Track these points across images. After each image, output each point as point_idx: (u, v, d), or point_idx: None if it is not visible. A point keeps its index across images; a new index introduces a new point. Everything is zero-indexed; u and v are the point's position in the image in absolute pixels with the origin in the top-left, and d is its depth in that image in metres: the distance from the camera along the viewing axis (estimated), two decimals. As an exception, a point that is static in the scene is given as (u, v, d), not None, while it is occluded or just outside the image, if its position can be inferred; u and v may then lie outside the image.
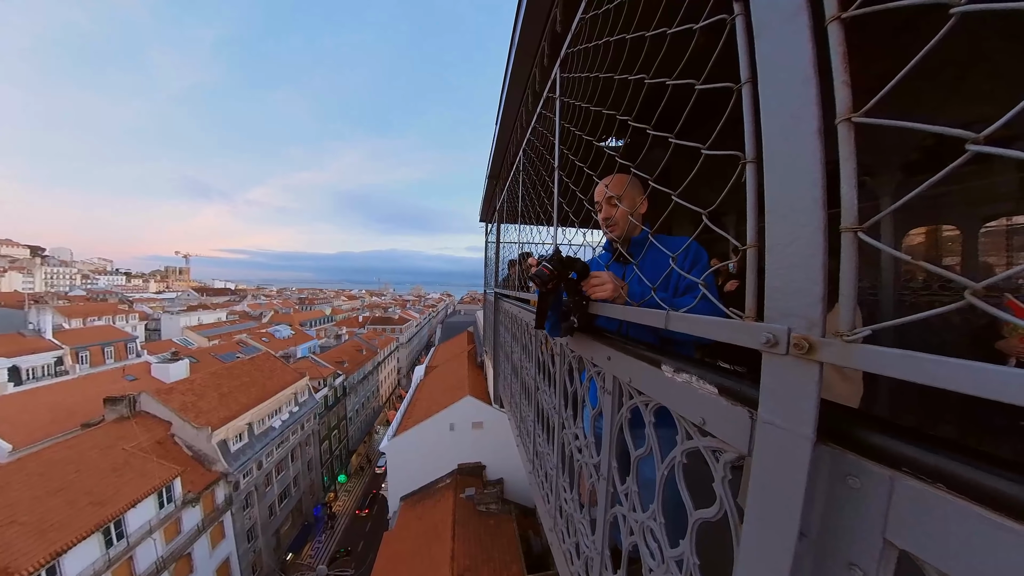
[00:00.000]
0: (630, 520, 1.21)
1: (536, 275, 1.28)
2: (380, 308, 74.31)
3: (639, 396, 1.13)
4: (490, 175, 6.40)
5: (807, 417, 0.50)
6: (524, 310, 3.34)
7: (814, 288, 0.49)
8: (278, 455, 20.89)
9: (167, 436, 15.59)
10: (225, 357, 25.53)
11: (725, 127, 0.74)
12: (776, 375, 0.55)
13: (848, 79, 0.44)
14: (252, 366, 22.47)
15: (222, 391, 18.75)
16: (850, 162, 0.44)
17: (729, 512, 0.74)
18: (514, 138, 4.30)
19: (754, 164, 0.60)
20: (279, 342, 33.11)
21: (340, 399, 30.52)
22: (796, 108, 0.50)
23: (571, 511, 1.88)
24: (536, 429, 2.85)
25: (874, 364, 0.42)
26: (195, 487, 14.75)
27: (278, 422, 21.11)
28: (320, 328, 48.26)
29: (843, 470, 0.49)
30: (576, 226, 1.91)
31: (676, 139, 0.83)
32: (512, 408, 4.65)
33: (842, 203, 0.45)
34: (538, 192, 2.66)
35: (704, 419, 0.82)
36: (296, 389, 23.29)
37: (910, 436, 0.45)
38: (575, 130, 1.69)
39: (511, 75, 2.86)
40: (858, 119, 0.44)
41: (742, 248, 0.64)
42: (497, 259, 6.84)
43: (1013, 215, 2.45)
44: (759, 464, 0.58)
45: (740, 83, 0.62)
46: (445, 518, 11.86)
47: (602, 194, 1.55)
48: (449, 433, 15.28)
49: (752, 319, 0.62)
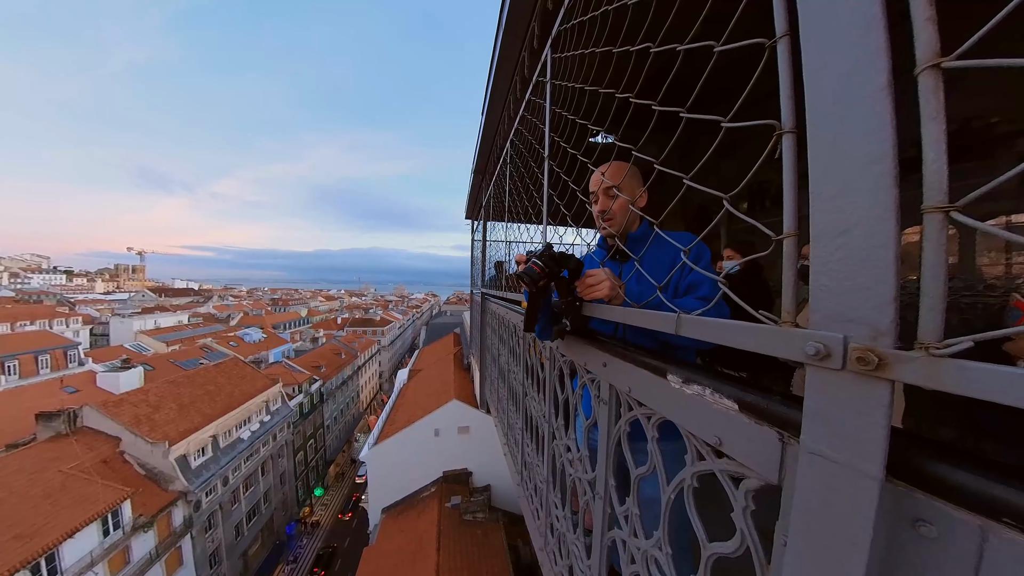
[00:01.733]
0: (631, 547, 1.12)
1: (525, 273, 1.17)
2: (360, 309, 73.35)
3: (640, 408, 1.04)
4: (476, 169, 6.29)
5: (873, 451, 0.40)
6: (511, 311, 3.24)
7: (882, 287, 0.40)
8: (247, 469, 19.81)
9: (115, 454, 14.18)
10: (186, 364, 23.90)
11: (747, 99, 0.65)
12: (826, 395, 0.46)
13: (934, 15, 0.35)
14: (218, 373, 21.18)
15: (182, 401, 17.47)
16: (937, 123, 0.35)
17: (754, 550, 0.66)
18: (501, 129, 4.20)
19: (793, 135, 0.51)
20: (249, 346, 31.90)
21: (317, 406, 29.70)
22: (855, 60, 0.41)
23: (563, 530, 1.79)
24: (524, 438, 2.75)
25: (979, 387, 0.33)
26: (148, 509, 13.49)
27: (247, 433, 20.07)
28: (295, 331, 47.04)
29: (911, 514, 0.40)
30: (568, 223, 1.82)
31: (688, 114, 0.74)
32: (499, 414, 4.55)
33: (925, 177, 0.36)
34: (527, 186, 2.56)
35: (720, 439, 0.73)
36: (268, 397, 22.38)
37: (1006, 473, 0.36)
38: (568, 115, 1.59)
39: (498, 60, 2.76)
40: (950, 63, 0.35)
41: (775, 238, 0.55)
42: (484, 258, 6.73)
43: (1013, 213, 2.46)
44: (802, 502, 0.48)
45: (775, 37, 0.52)
46: (430, 529, 11.61)
47: (598, 183, 1.45)
48: (434, 439, 15.06)
49: (790, 324, 0.53)
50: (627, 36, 1.06)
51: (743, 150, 0.84)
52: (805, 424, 0.48)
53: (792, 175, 0.51)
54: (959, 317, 2.62)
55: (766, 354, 0.57)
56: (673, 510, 0.93)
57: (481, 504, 12.70)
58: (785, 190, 0.50)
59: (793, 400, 0.58)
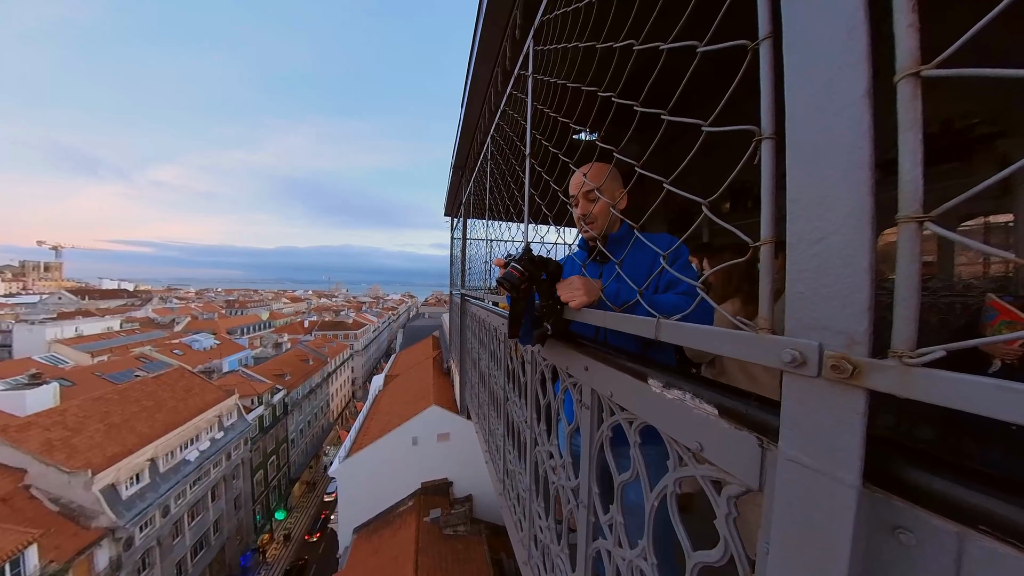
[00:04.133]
0: (616, 557, 1.14)
1: (505, 278, 1.18)
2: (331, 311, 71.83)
3: (622, 413, 1.06)
4: (455, 164, 6.25)
5: (849, 459, 0.43)
6: (492, 314, 3.25)
7: (857, 296, 0.42)
8: (194, 495, 18.33)
9: (16, 489, 12.33)
10: (117, 377, 21.49)
11: (728, 102, 0.67)
12: (803, 402, 0.48)
13: (916, 21, 0.37)
14: (158, 386, 19.49)
15: (111, 421, 15.68)
16: (914, 132, 0.37)
17: (737, 559, 0.68)
18: (482, 124, 4.19)
19: (772, 141, 0.53)
20: (198, 354, 30.09)
21: (280, 419, 28.44)
22: (837, 66, 0.43)
23: (547, 542, 1.80)
24: (506, 445, 2.75)
25: (950, 396, 0.35)
26: (62, 554, 11.68)
27: (195, 453, 18.65)
28: (255, 336, 45.35)
29: (890, 521, 0.43)
30: (550, 222, 1.84)
31: (670, 116, 0.75)
32: (480, 420, 4.54)
33: (901, 185, 0.38)
34: (508, 184, 2.57)
35: (701, 444, 0.76)
36: (221, 410, 21.01)
37: (984, 481, 0.39)
38: (550, 112, 1.61)
39: (478, 49, 2.75)
40: (930, 72, 0.37)
41: (752, 244, 0.57)
42: (464, 257, 6.71)
43: (992, 214, 2.62)
44: (782, 509, 0.50)
45: (758, 39, 0.54)
46: (406, 548, 11.34)
47: (578, 186, 1.48)
48: (411, 448, 14.85)
49: (767, 331, 0.55)
50: (611, 31, 1.08)
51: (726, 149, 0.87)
52: (783, 430, 0.50)
53: (770, 181, 0.53)
54: (939, 316, 2.77)
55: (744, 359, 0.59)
56: (657, 518, 0.95)
57: (462, 516, 12.61)
58: (763, 197, 0.52)
59: (772, 405, 0.60)
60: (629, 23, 0.95)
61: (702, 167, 0.90)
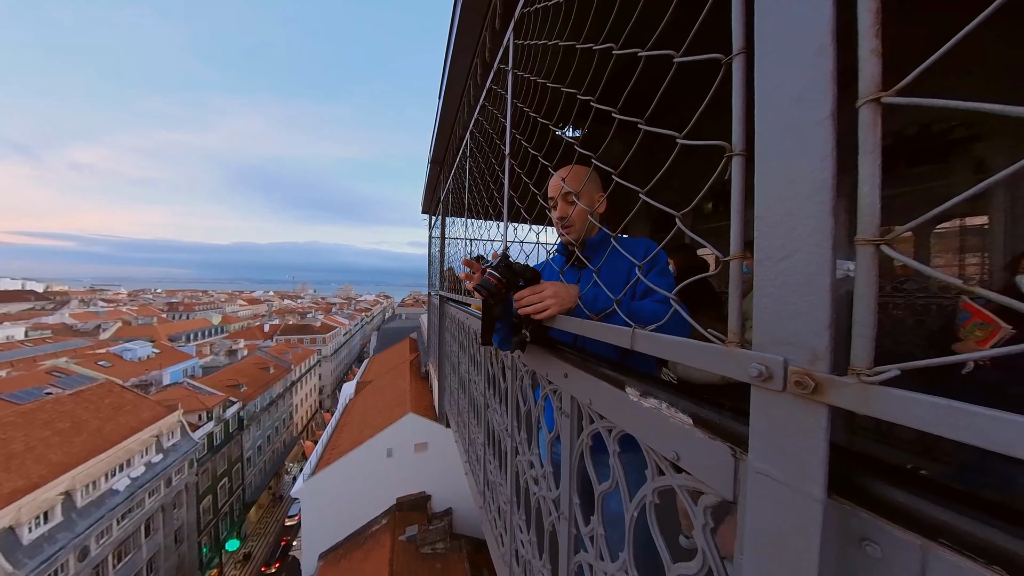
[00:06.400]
0: (598, 571, 1.17)
1: (482, 286, 1.20)
2: (295, 314, 70.01)
3: (601, 421, 1.10)
4: (433, 159, 6.23)
5: (813, 472, 0.46)
6: (471, 316, 3.26)
7: (818, 313, 0.45)
8: (122, 531, 16.36)
9: None
10: (21, 396, 18.73)
11: (707, 112, 0.71)
12: (769, 416, 0.51)
13: (879, 47, 0.41)
14: (77, 404, 17.55)
15: (11, 449, 13.97)
16: (873, 156, 0.41)
17: (716, 569, 0.71)
18: (460, 118, 4.19)
19: (742, 157, 0.57)
20: (132, 365, 27.84)
21: (233, 435, 26.76)
22: (804, 85, 0.46)
23: (529, 557, 1.83)
24: (487, 454, 2.77)
25: (904, 414, 0.39)
26: None
27: (124, 482, 16.78)
28: (204, 342, 42.93)
29: (858, 532, 0.46)
30: (529, 223, 1.87)
31: (647, 126, 0.79)
32: (460, 429, 4.54)
33: (859, 209, 0.42)
34: (487, 182, 2.58)
35: (678, 453, 0.79)
36: (160, 429, 19.07)
37: (947, 495, 0.43)
38: (530, 111, 1.63)
39: (456, 36, 2.76)
40: (890, 99, 0.41)
41: (723, 259, 0.61)
42: (442, 257, 6.68)
43: (967, 216, 2.79)
44: (754, 522, 0.54)
45: (731, 54, 0.58)
46: (379, 571, 10.97)
47: (557, 188, 1.51)
48: (386, 461, 14.55)
49: (735, 344, 0.58)
50: (591, 31, 1.11)
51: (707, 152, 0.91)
52: (751, 443, 0.54)
53: (739, 197, 0.57)
54: (915, 318, 2.94)
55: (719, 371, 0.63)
56: (638, 529, 0.99)
57: (441, 532, 12.50)
58: (732, 213, 0.56)
59: (745, 416, 0.64)
60: (609, 23, 0.99)
61: (684, 169, 0.94)
